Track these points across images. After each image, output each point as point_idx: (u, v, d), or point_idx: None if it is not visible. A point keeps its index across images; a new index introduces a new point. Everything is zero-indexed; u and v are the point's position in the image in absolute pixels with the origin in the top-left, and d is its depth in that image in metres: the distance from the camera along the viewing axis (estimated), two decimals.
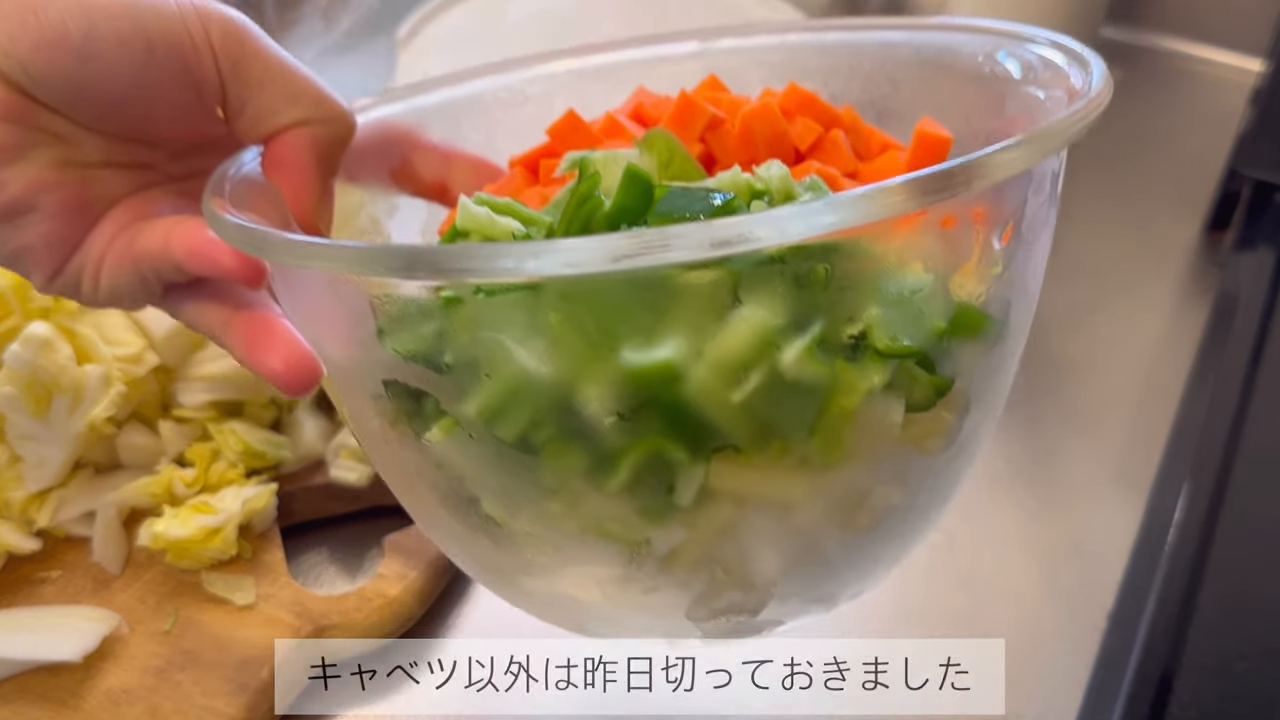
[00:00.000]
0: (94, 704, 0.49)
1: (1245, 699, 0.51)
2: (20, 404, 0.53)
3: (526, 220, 0.38)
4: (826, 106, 0.44)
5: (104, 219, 0.39)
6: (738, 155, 0.43)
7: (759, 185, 0.37)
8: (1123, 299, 0.76)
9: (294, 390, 0.38)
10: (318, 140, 0.40)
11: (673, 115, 0.43)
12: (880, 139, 0.46)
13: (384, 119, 0.47)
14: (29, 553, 0.55)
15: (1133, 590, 0.58)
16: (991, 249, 0.36)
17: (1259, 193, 0.78)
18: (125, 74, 0.36)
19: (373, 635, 0.53)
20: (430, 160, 0.48)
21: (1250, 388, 0.66)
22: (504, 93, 0.50)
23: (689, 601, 0.40)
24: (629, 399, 0.33)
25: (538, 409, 0.34)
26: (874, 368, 0.34)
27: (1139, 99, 0.94)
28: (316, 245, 0.32)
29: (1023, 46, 0.43)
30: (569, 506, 0.36)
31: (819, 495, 0.37)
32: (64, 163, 0.38)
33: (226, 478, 0.57)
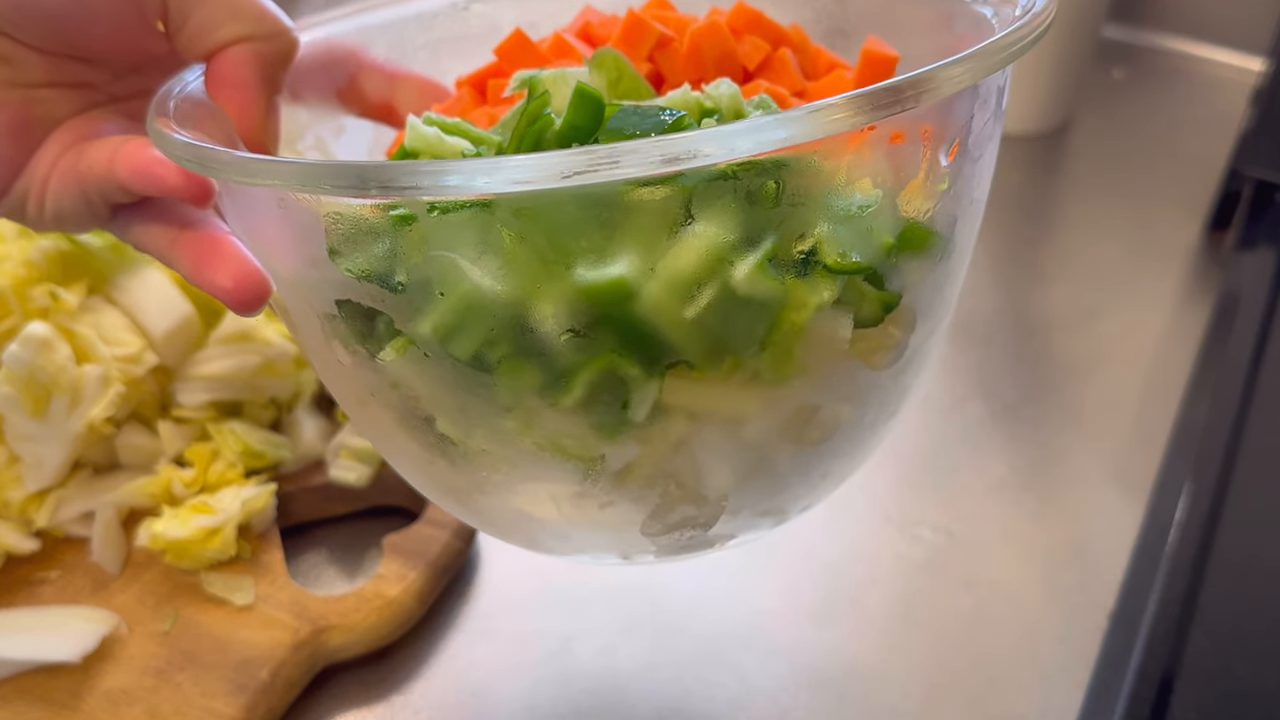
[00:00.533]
0: (93, 705, 0.49)
1: (1247, 700, 0.51)
2: (19, 404, 0.53)
3: (476, 139, 0.38)
4: (774, 25, 0.44)
5: (48, 140, 0.39)
6: (686, 74, 0.43)
7: (709, 104, 0.37)
8: (1124, 299, 0.75)
9: (243, 307, 0.38)
10: (260, 56, 0.39)
11: (621, 34, 0.43)
12: (827, 59, 0.46)
13: (329, 38, 0.47)
14: (28, 553, 0.55)
15: (1134, 590, 0.58)
16: (938, 165, 0.36)
17: (1260, 192, 0.78)
18: None
19: (372, 636, 0.53)
20: (376, 80, 0.48)
21: (1252, 387, 0.66)
22: (449, 11, 0.50)
23: (643, 516, 0.40)
24: (582, 316, 0.33)
25: (492, 327, 0.34)
26: (824, 283, 0.35)
27: (1140, 99, 0.93)
28: (264, 163, 0.32)
29: None
30: (524, 424, 0.37)
31: (770, 410, 0.37)
32: (5, 83, 0.37)
33: (225, 478, 0.57)
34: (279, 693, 0.51)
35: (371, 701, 0.53)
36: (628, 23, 0.43)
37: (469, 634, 0.55)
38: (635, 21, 0.43)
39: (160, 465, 0.57)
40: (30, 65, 0.38)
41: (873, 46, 0.44)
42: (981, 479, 0.63)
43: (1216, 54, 0.97)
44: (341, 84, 0.47)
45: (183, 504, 0.55)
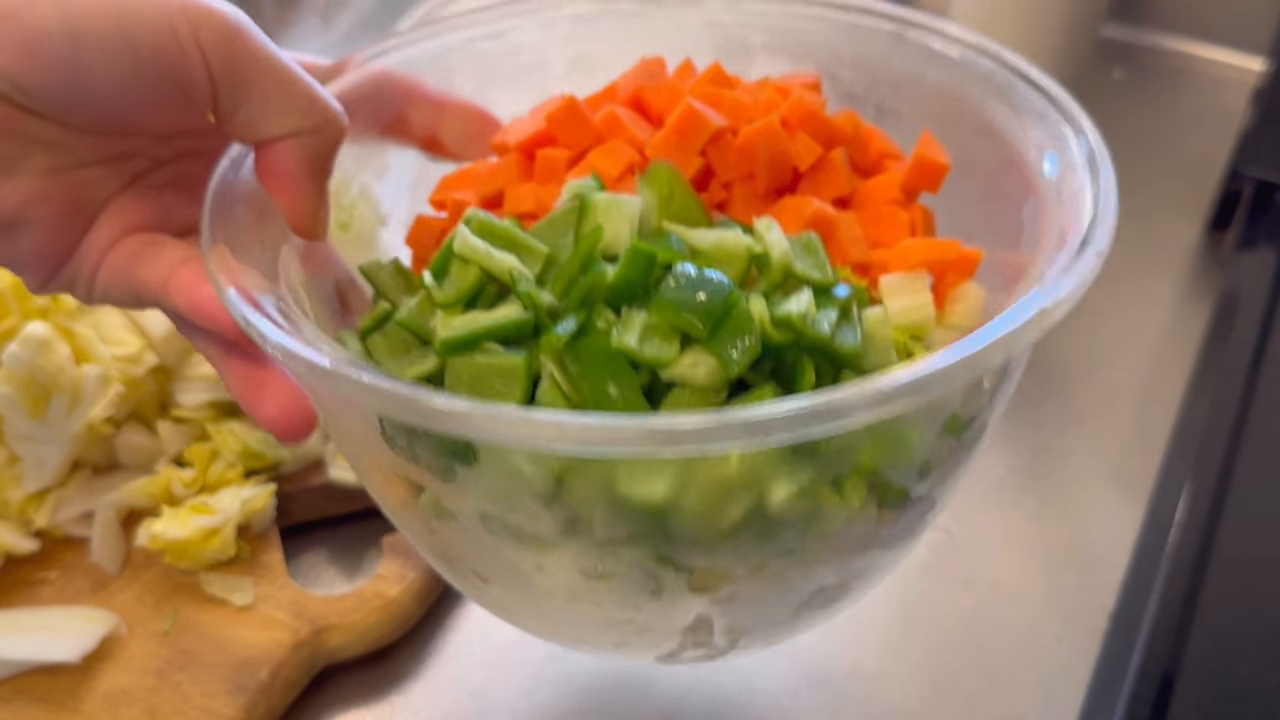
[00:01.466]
0: (92, 705, 0.49)
1: (1247, 700, 0.51)
2: (18, 404, 0.53)
3: (524, 249, 0.39)
4: (828, 122, 0.44)
5: (96, 225, 0.39)
6: (738, 169, 0.43)
7: (757, 249, 0.38)
8: (1124, 298, 0.75)
9: (288, 438, 0.39)
10: (309, 149, 0.39)
11: (676, 124, 0.43)
12: (879, 145, 0.46)
13: (375, 70, 0.46)
14: (27, 553, 0.55)
15: (1134, 591, 0.58)
16: (981, 390, 0.38)
17: (1261, 192, 0.78)
18: (113, 82, 0.35)
19: (371, 636, 0.53)
20: (424, 111, 0.47)
21: (1252, 388, 0.66)
22: (498, 41, 0.50)
23: (659, 655, 0.42)
24: (621, 524, 0.35)
25: (532, 516, 0.36)
26: (855, 493, 0.36)
27: (1140, 98, 0.93)
28: (326, 371, 0.32)
29: (1045, 132, 0.43)
30: (551, 585, 0.38)
31: (791, 591, 0.39)
32: (54, 169, 0.37)
33: (225, 478, 0.57)
34: (278, 693, 0.51)
35: (371, 702, 0.53)
36: (683, 115, 0.43)
37: (468, 634, 0.55)
38: (690, 114, 0.43)
39: (160, 465, 0.57)
40: (78, 147, 0.38)
41: (925, 151, 0.45)
42: (981, 480, 0.63)
43: (1217, 54, 0.97)
44: (389, 117, 0.47)
45: (182, 504, 0.55)
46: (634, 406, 0.35)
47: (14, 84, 0.35)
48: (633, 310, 0.36)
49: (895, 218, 0.43)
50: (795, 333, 0.36)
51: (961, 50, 0.46)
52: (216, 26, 0.36)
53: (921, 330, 0.42)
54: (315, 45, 0.92)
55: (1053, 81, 0.43)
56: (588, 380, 0.35)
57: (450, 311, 0.38)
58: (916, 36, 0.47)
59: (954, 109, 0.46)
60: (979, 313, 0.43)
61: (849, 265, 0.42)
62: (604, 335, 0.36)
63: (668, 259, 0.37)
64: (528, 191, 0.44)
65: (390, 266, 0.44)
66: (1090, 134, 0.40)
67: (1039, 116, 0.43)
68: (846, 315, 0.38)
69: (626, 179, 0.43)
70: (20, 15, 0.34)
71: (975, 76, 0.45)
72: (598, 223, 0.39)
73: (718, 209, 0.44)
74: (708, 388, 0.35)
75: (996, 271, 0.44)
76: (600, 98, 0.47)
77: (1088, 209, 0.38)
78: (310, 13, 0.93)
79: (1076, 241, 0.37)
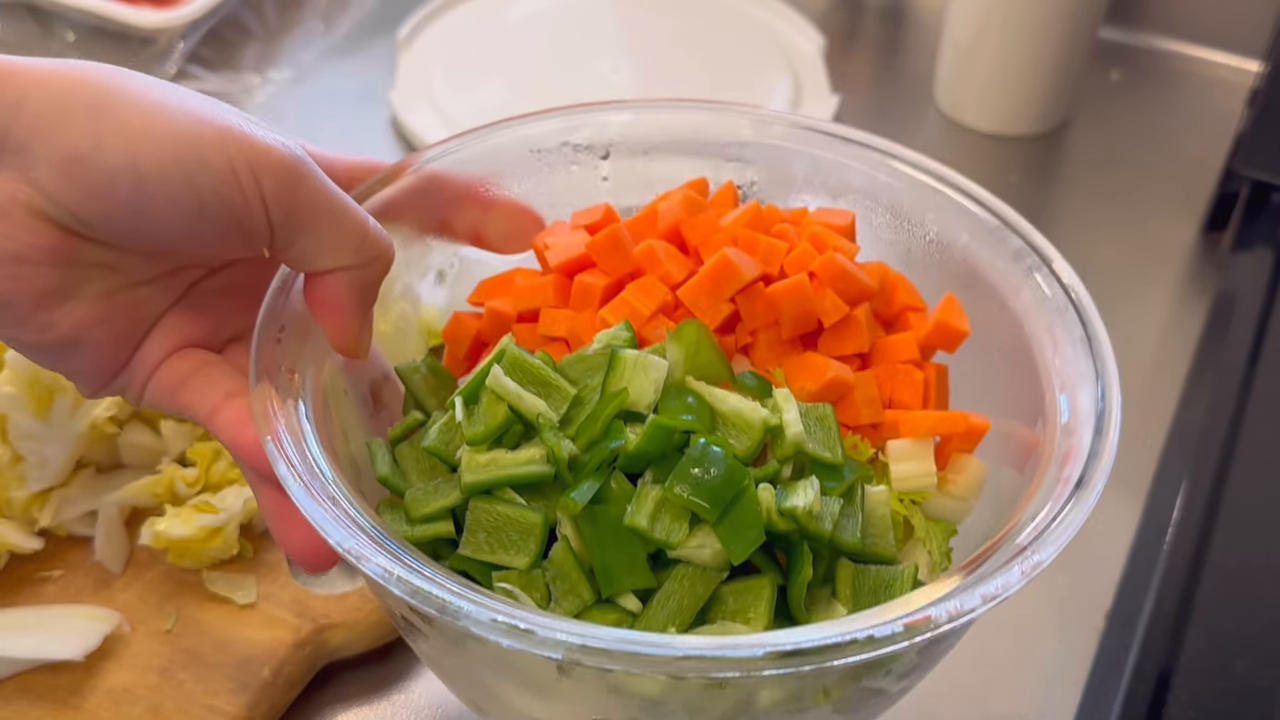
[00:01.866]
0: (95, 703, 0.50)
1: (1243, 698, 0.51)
2: (22, 403, 0.54)
3: (553, 387, 0.41)
4: (857, 281, 0.45)
5: (149, 339, 0.41)
6: (764, 318, 0.45)
7: (773, 421, 0.41)
8: (1120, 300, 0.76)
9: (309, 570, 0.41)
10: (359, 282, 0.40)
11: (709, 274, 0.44)
12: (903, 297, 0.48)
13: (428, 173, 0.48)
14: (31, 552, 0.55)
15: (1131, 590, 0.58)
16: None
17: (1257, 193, 0.78)
18: (175, 221, 0.36)
19: (373, 634, 0.53)
20: (472, 211, 0.49)
21: (1248, 388, 0.66)
22: (549, 151, 0.51)
23: None
24: (616, 705, 0.38)
25: (534, 683, 0.39)
26: (838, 694, 0.38)
27: (1137, 100, 0.94)
28: (372, 566, 0.34)
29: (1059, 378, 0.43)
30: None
31: None
32: (110, 291, 0.38)
33: (228, 477, 0.57)
34: (281, 691, 0.51)
35: (373, 699, 0.53)
36: (718, 264, 0.44)
37: None
38: (725, 265, 0.44)
39: (163, 465, 0.57)
40: (133, 269, 0.39)
41: (946, 316, 0.46)
42: None
43: (1213, 55, 0.97)
44: (438, 218, 0.49)
45: (185, 503, 0.56)
46: (640, 578, 0.38)
47: (78, 219, 0.36)
48: (647, 484, 0.39)
49: (911, 378, 0.45)
50: (799, 525, 0.38)
51: (998, 223, 0.47)
52: (277, 171, 0.37)
53: (921, 496, 0.44)
54: (318, 47, 0.92)
55: (1080, 284, 0.44)
56: (600, 546, 0.38)
57: (477, 448, 0.40)
58: (955, 197, 0.48)
59: (979, 277, 0.47)
60: (978, 486, 0.45)
61: (861, 425, 0.44)
62: (619, 505, 0.38)
63: (687, 429, 0.40)
64: (562, 317, 0.46)
65: (424, 367, 0.47)
66: (1110, 375, 0.42)
67: (1058, 313, 0.44)
68: (850, 499, 0.41)
69: (657, 318, 0.45)
70: (89, 160, 0.35)
71: (1005, 253, 0.46)
72: (624, 384, 0.41)
73: (741, 352, 0.46)
74: (711, 568, 0.38)
75: (1001, 441, 0.46)
76: (641, 222, 0.48)
77: (1085, 449, 0.40)
78: (312, 14, 0.94)
79: (1067, 489, 0.38)
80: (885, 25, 1.01)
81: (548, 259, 0.48)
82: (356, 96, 0.88)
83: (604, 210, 0.49)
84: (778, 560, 0.40)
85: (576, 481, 0.39)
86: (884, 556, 0.41)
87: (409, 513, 0.41)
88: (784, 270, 0.45)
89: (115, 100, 0.35)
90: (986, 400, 0.47)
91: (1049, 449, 0.41)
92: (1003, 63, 0.85)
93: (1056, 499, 0.38)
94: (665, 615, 0.38)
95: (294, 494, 0.36)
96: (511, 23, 0.95)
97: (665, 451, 0.39)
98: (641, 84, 0.90)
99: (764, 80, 0.90)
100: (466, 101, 0.86)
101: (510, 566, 0.39)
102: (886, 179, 0.50)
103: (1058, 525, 0.37)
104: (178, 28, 0.86)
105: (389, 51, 0.91)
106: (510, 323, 0.47)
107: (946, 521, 0.45)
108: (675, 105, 0.52)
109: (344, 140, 0.84)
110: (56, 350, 0.38)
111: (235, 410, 0.40)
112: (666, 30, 0.96)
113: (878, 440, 0.45)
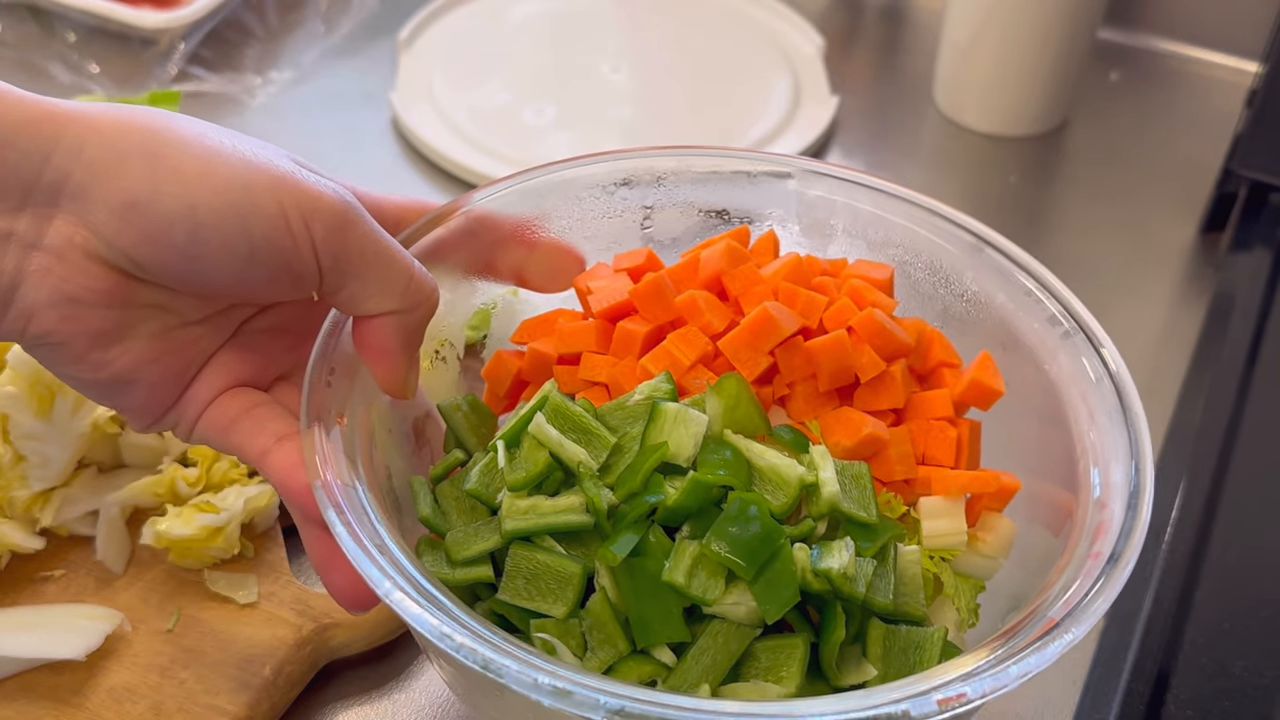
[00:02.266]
0: (97, 702, 0.50)
1: (1242, 697, 0.51)
2: (24, 404, 0.54)
3: (593, 435, 0.42)
4: (894, 338, 0.46)
5: (199, 377, 0.41)
6: (802, 371, 0.45)
7: (809, 479, 0.41)
8: (1119, 300, 0.76)
9: (351, 609, 0.41)
10: (406, 326, 0.41)
11: (750, 327, 0.45)
12: (939, 353, 0.48)
13: (473, 215, 0.48)
14: (32, 552, 0.55)
15: (1130, 589, 0.58)
16: None
17: (1255, 193, 0.79)
18: (227, 265, 0.37)
19: (374, 633, 0.53)
20: (515, 252, 0.49)
21: (1246, 388, 0.66)
22: (594, 193, 0.52)
23: None
24: None
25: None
26: None
27: (1136, 100, 0.94)
28: (418, 619, 0.35)
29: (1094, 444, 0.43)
30: None
31: None
32: (163, 331, 0.39)
33: (229, 477, 0.57)
34: (282, 690, 0.51)
35: (374, 698, 0.53)
36: (758, 318, 0.45)
37: None
38: (765, 319, 0.45)
39: (164, 464, 0.57)
40: (185, 309, 0.40)
41: (981, 375, 0.47)
42: None
43: (1212, 56, 0.97)
44: (482, 260, 0.49)
45: (186, 503, 0.56)
46: (676, 631, 0.39)
47: (135, 263, 0.36)
48: (685, 539, 0.39)
49: (944, 434, 0.46)
50: (833, 587, 0.39)
51: (1036, 285, 0.48)
52: (327, 218, 0.37)
53: (951, 554, 0.44)
54: (319, 48, 0.92)
55: (1117, 354, 0.45)
56: (637, 598, 0.39)
57: (518, 494, 0.41)
58: (995, 257, 0.49)
59: (1016, 338, 0.48)
60: (1008, 546, 0.45)
61: (894, 481, 0.45)
62: (657, 558, 0.39)
63: (725, 485, 0.40)
64: (604, 363, 0.47)
65: (466, 406, 0.47)
66: (1144, 452, 0.41)
67: (1094, 383, 0.44)
68: (883, 559, 0.41)
69: (697, 368, 0.45)
70: (147, 206, 0.35)
71: (1042, 316, 0.47)
72: (664, 437, 0.41)
73: (778, 403, 0.46)
74: (745, 624, 0.39)
75: (1029, 500, 0.46)
76: (683, 270, 0.49)
77: (1117, 525, 0.39)
78: (313, 15, 0.94)
79: (1099, 565, 0.38)
80: (885, 26, 1.01)
81: (591, 304, 0.48)
82: (357, 97, 0.88)
83: (646, 255, 0.50)
84: (809, 617, 0.40)
85: (615, 532, 0.39)
86: (914, 616, 0.41)
87: (449, 554, 0.41)
88: (823, 324, 0.46)
89: (171, 147, 0.36)
90: (1017, 459, 0.47)
91: (1081, 521, 0.41)
92: (1002, 63, 0.85)
93: (1089, 574, 0.38)
94: (699, 671, 0.38)
95: (342, 541, 0.37)
96: (511, 23, 0.96)
97: (703, 506, 0.40)
98: (641, 84, 0.90)
99: (764, 81, 0.90)
100: (467, 102, 0.86)
101: (548, 614, 0.39)
102: (927, 234, 0.50)
103: (1091, 601, 0.37)
104: (179, 28, 0.86)
105: (390, 52, 0.91)
106: (551, 364, 0.48)
107: (975, 579, 0.45)
108: (719, 153, 0.53)
109: (345, 140, 0.84)
110: (111, 387, 0.39)
111: (285, 454, 0.40)
112: (666, 31, 0.96)
113: (910, 496, 0.45)
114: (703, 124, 0.87)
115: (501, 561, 0.41)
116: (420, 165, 0.83)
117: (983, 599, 0.45)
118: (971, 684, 0.34)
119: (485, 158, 0.81)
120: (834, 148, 0.87)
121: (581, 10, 0.98)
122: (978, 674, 0.34)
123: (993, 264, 0.49)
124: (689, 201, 0.53)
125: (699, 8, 0.98)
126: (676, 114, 0.88)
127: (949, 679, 0.34)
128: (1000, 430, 0.48)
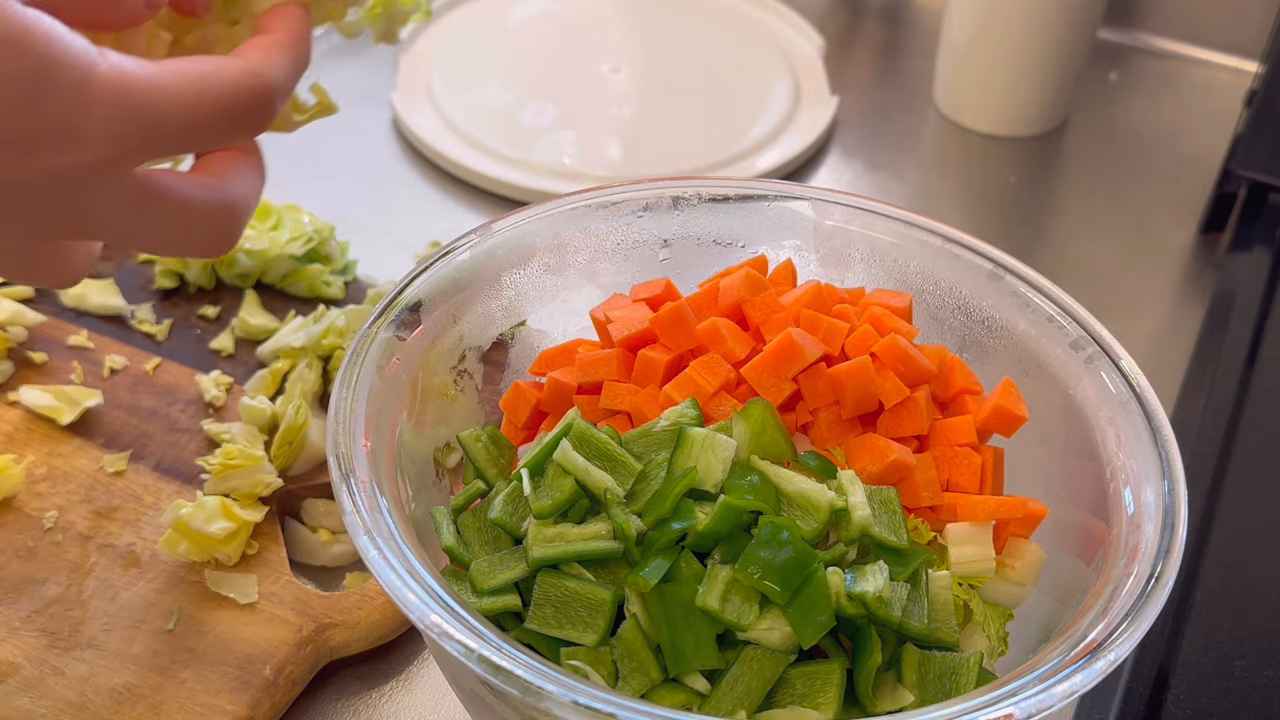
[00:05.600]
0: (97, 702, 0.50)
1: (1242, 697, 0.51)
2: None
3: (619, 463, 0.42)
4: (918, 364, 0.46)
5: None
6: (825, 398, 0.45)
7: (839, 504, 0.41)
8: (1118, 300, 0.76)
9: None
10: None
11: (773, 353, 0.45)
12: (960, 380, 0.48)
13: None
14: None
15: None
16: None
17: (1254, 194, 0.79)
18: None
19: (375, 633, 0.53)
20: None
21: (1246, 388, 0.66)
22: (611, 223, 0.52)
23: None
24: None
25: None
26: None
27: (1136, 100, 0.94)
28: (453, 645, 0.35)
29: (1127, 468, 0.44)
30: None
31: None
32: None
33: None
34: (282, 689, 0.51)
35: (375, 698, 0.53)
36: (782, 344, 0.45)
37: None
38: (788, 345, 0.45)
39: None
40: None
41: (1004, 401, 0.46)
42: None
43: (1211, 56, 0.97)
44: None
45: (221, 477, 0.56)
46: (709, 658, 0.38)
47: None
48: (717, 564, 0.39)
49: (968, 461, 0.46)
50: (868, 611, 0.39)
51: (1057, 310, 0.48)
52: None
53: (980, 581, 0.44)
54: (319, 48, 0.92)
55: (1143, 376, 0.45)
56: (669, 625, 0.38)
57: (544, 522, 0.41)
58: (1014, 283, 0.49)
59: (1039, 364, 0.48)
60: (1037, 572, 0.45)
61: (920, 507, 0.45)
62: (688, 584, 0.39)
63: (756, 509, 0.40)
64: (625, 392, 0.46)
65: (486, 436, 0.47)
66: (1176, 471, 0.42)
67: (1121, 405, 0.44)
68: (916, 584, 0.41)
69: (720, 395, 0.45)
70: None
71: (1064, 341, 0.47)
72: (692, 462, 0.41)
73: (801, 430, 0.46)
74: (780, 650, 0.39)
75: (1057, 526, 0.46)
76: (703, 299, 0.49)
77: (1154, 545, 0.40)
78: None
79: (1139, 585, 0.39)
80: (884, 27, 1.01)
81: (611, 333, 0.48)
82: (358, 97, 0.88)
83: (664, 285, 0.50)
84: (842, 644, 0.40)
85: (645, 559, 0.39)
86: (947, 642, 0.41)
87: (475, 584, 0.41)
88: (845, 351, 0.46)
89: None
90: (1043, 486, 0.47)
91: (1116, 542, 0.41)
92: (1001, 64, 0.85)
93: (1129, 595, 0.38)
94: (734, 698, 0.38)
95: (375, 568, 0.37)
96: (511, 23, 0.96)
97: (733, 531, 0.40)
98: (641, 85, 0.90)
99: (763, 82, 0.90)
100: (467, 102, 0.86)
101: (577, 643, 0.39)
102: (945, 263, 0.50)
103: (1132, 622, 0.37)
104: None
105: (390, 52, 0.91)
106: (571, 394, 0.48)
107: (1004, 606, 0.45)
108: (737, 184, 0.53)
109: (345, 140, 0.84)
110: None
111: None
112: (666, 31, 0.96)
113: (936, 523, 0.45)
114: (702, 125, 0.87)
115: (527, 592, 0.41)
116: (420, 165, 0.83)
117: (1011, 627, 0.45)
118: (1020, 704, 0.34)
119: (485, 158, 0.81)
120: (834, 148, 0.87)
121: (581, 11, 0.98)
122: (1021, 694, 0.34)
123: (1012, 290, 0.49)
124: (705, 232, 0.53)
125: (699, 8, 0.98)
126: (676, 114, 0.88)
127: (994, 699, 0.34)
128: (1024, 457, 0.48)
